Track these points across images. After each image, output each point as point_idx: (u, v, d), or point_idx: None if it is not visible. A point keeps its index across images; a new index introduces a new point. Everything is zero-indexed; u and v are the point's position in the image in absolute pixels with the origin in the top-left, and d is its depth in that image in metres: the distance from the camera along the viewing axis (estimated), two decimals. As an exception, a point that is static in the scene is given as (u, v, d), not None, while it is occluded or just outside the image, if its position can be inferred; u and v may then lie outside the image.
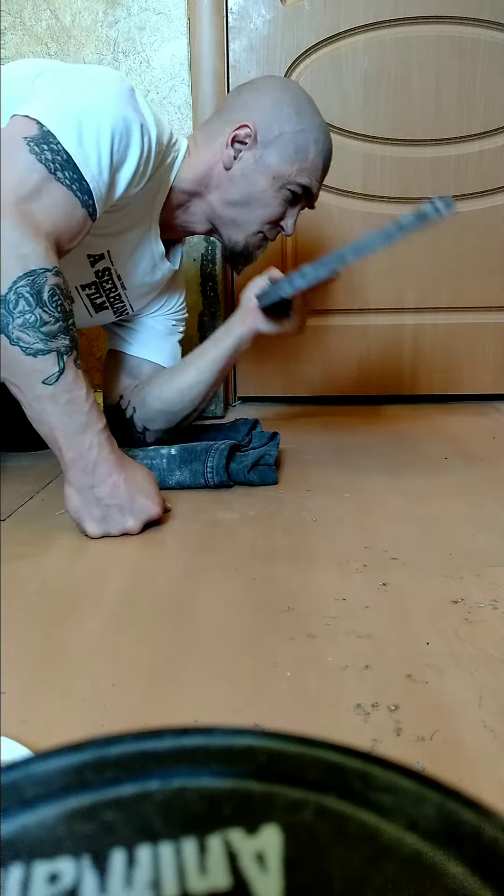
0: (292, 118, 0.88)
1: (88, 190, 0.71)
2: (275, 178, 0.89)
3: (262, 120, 0.88)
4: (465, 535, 0.73)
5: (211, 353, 0.98)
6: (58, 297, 0.67)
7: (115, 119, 0.72)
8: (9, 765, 0.18)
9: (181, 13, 1.28)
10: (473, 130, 1.41)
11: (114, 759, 0.19)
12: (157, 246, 0.95)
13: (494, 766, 0.38)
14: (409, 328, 1.53)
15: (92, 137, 0.71)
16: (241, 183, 0.90)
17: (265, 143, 0.88)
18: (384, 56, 1.36)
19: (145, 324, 1.07)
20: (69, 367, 0.67)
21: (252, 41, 1.35)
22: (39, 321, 0.65)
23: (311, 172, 0.91)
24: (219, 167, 0.90)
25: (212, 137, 0.91)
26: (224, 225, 0.94)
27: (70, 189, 0.70)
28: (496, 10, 1.34)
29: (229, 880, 0.16)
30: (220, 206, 0.93)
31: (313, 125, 0.89)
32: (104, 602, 0.59)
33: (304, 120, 0.89)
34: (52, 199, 0.69)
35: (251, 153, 0.88)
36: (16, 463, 1.05)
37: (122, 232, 0.88)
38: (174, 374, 1.00)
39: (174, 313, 1.09)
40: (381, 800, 0.18)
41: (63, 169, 0.69)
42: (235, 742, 0.19)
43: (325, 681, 0.46)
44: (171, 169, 0.89)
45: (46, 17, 1.29)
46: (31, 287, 0.65)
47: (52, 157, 0.68)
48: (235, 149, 0.89)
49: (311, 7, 1.34)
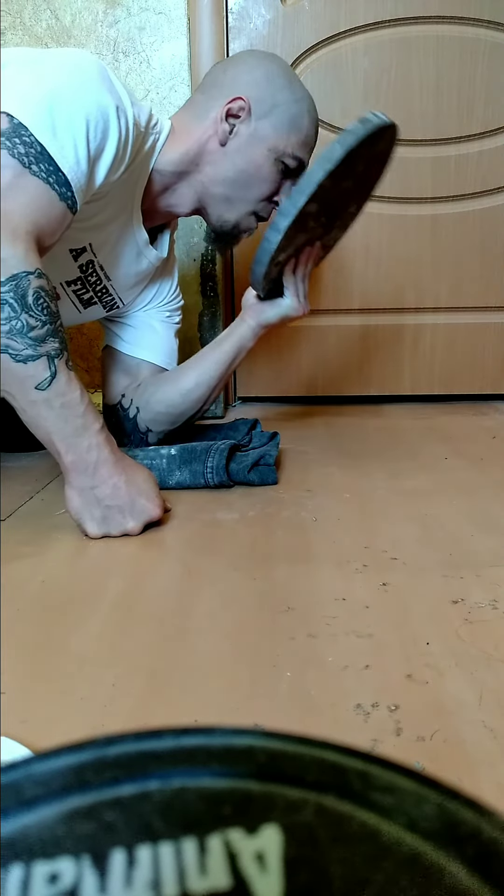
0: (285, 88, 0.87)
1: (66, 182, 0.69)
2: (270, 151, 0.87)
3: (256, 92, 0.86)
4: (465, 535, 0.73)
5: (213, 355, 0.97)
6: (43, 300, 0.65)
7: (89, 105, 0.69)
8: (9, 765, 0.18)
9: (181, 13, 1.28)
10: (473, 130, 1.41)
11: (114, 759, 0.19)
12: (140, 233, 0.92)
13: (494, 766, 0.38)
14: (409, 328, 1.53)
15: (66, 126, 0.68)
16: (236, 158, 0.88)
17: (259, 116, 0.86)
18: (384, 56, 1.36)
19: (139, 318, 1.05)
20: (61, 370, 0.66)
21: (252, 41, 1.35)
22: (26, 326, 0.64)
23: (305, 144, 0.90)
24: (212, 143, 0.88)
25: (200, 115, 0.88)
26: (215, 203, 0.92)
27: (46, 182, 0.67)
28: (496, 10, 1.34)
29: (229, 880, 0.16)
30: (212, 184, 0.90)
31: (304, 95, 0.89)
32: (104, 602, 0.59)
33: (295, 90, 0.88)
34: (29, 194, 0.67)
35: (245, 126, 0.87)
36: (16, 463, 1.05)
37: (103, 223, 0.86)
38: (177, 377, 1.00)
39: (167, 304, 1.07)
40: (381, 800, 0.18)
41: (38, 161, 0.66)
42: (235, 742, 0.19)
43: (325, 681, 0.46)
44: (152, 152, 0.86)
45: (46, 17, 1.29)
46: (15, 292, 0.63)
47: (25, 150, 0.66)
48: (230, 123, 0.87)
49: (311, 7, 1.34)
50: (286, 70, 0.89)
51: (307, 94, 0.90)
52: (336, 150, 0.79)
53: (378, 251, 1.48)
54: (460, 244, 1.47)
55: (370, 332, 1.54)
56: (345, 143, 0.79)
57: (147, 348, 1.04)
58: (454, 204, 1.45)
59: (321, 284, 1.50)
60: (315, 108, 0.91)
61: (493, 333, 1.53)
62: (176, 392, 0.98)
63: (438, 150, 1.42)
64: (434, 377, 1.56)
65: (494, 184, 1.44)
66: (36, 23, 1.29)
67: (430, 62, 1.37)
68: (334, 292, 1.51)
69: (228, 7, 1.33)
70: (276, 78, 0.87)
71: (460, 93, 1.39)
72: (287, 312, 0.97)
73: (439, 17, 1.35)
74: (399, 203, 1.45)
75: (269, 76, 0.87)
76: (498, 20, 1.35)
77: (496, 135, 1.41)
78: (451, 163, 1.42)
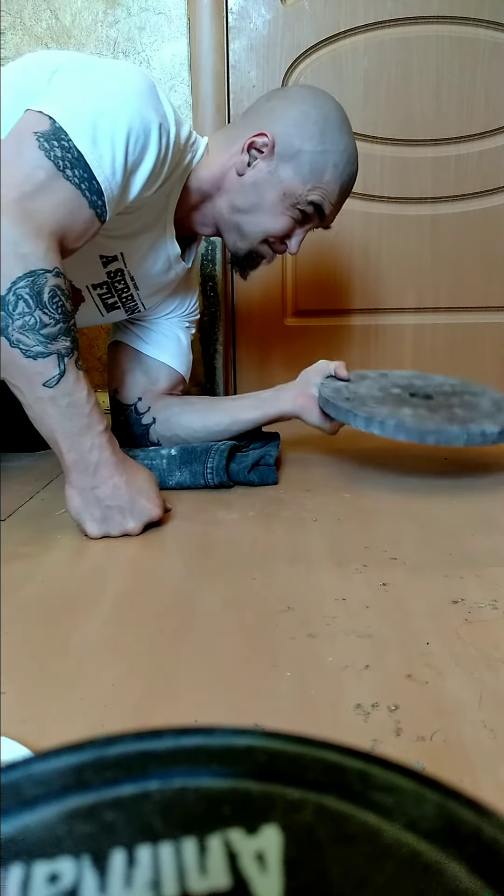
0: (314, 136, 0.84)
1: (99, 191, 0.69)
2: (286, 196, 0.86)
3: (284, 132, 0.84)
4: (465, 535, 0.73)
5: (251, 414, 0.97)
6: (58, 299, 0.66)
7: (133, 119, 0.70)
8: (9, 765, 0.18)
9: (181, 13, 1.28)
10: (473, 130, 1.41)
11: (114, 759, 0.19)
12: (172, 247, 0.92)
13: (494, 766, 0.38)
14: (409, 328, 1.53)
15: (107, 137, 0.69)
16: (250, 192, 0.87)
17: (282, 157, 0.85)
18: (384, 56, 1.36)
19: (162, 325, 1.05)
20: (70, 369, 0.67)
21: (252, 41, 1.35)
22: (39, 323, 0.64)
23: (324, 192, 0.87)
24: (232, 171, 0.87)
25: (232, 140, 0.88)
26: (229, 230, 0.92)
27: (78, 188, 0.68)
28: (496, 10, 1.34)
29: (229, 880, 0.16)
30: (227, 211, 0.90)
31: (337, 147, 0.85)
32: (104, 602, 0.59)
33: (326, 140, 0.84)
34: (58, 197, 0.67)
35: (266, 163, 0.85)
36: (16, 463, 1.05)
37: (135, 234, 0.86)
38: (208, 411, 0.99)
39: (188, 315, 1.08)
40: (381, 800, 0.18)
41: (73, 167, 0.67)
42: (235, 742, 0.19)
43: (325, 681, 0.46)
44: (188, 169, 0.86)
45: (46, 17, 1.29)
46: (31, 288, 0.64)
47: (62, 154, 0.67)
48: (251, 155, 0.86)
49: (311, 7, 1.34)
50: (327, 116, 0.85)
51: (344, 146, 0.86)
52: (472, 442, 0.83)
53: (378, 251, 1.48)
54: (460, 244, 1.47)
55: (370, 332, 1.54)
56: None
57: (169, 353, 1.04)
58: (454, 204, 1.45)
59: (321, 284, 1.50)
60: (350, 161, 0.87)
61: (493, 333, 1.53)
62: (202, 427, 0.98)
63: (438, 150, 1.42)
64: (434, 377, 1.55)
65: (494, 184, 1.44)
66: (36, 23, 1.29)
67: (430, 62, 1.37)
68: (334, 292, 1.51)
69: (228, 7, 1.33)
70: (309, 123, 0.84)
71: (460, 93, 1.39)
72: (324, 429, 0.97)
73: (439, 17, 1.35)
74: (399, 203, 1.45)
75: (303, 120, 0.84)
76: (498, 20, 1.35)
77: (496, 135, 1.41)
78: (451, 163, 1.42)
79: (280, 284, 1.50)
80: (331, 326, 1.53)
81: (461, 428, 0.82)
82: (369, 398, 0.91)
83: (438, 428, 0.81)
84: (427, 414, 0.87)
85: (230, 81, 1.36)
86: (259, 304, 1.51)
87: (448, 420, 0.85)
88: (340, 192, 0.89)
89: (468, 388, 1.01)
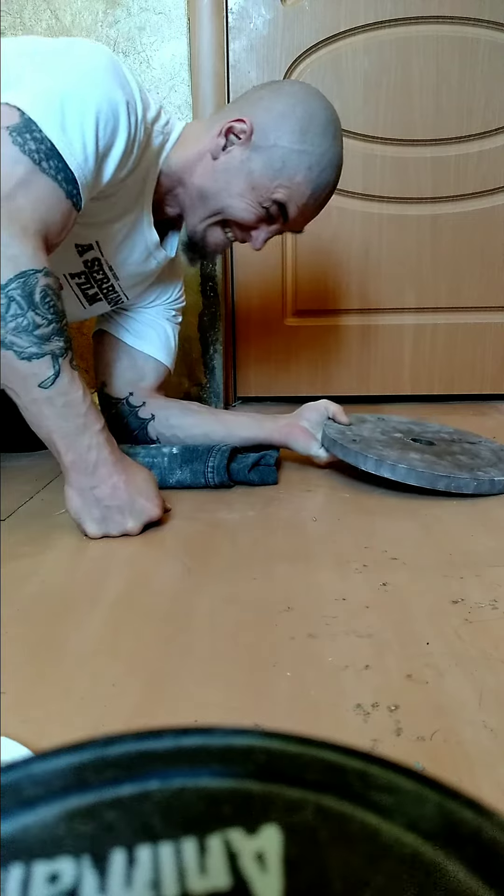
0: (294, 134, 0.80)
1: (73, 179, 0.68)
2: (253, 189, 0.82)
3: (264, 123, 0.81)
4: (465, 535, 0.73)
5: (245, 433, 0.98)
6: (50, 299, 0.65)
7: (100, 101, 0.68)
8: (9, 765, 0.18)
9: (181, 13, 1.28)
10: (473, 130, 1.41)
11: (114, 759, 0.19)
12: (150, 234, 0.89)
13: (494, 766, 0.38)
14: (409, 328, 1.53)
15: (76, 123, 0.67)
16: (219, 176, 0.84)
17: (256, 148, 0.81)
18: (384, 56, 1.36)
19: (146, 315, 1.04)
20: (64, 369, 0.66)
21: (252, 41, 1.35)
22: (32, 324, 0.64)
23: (291, 197, 0.83)
24: (207, 155, 0.84)
25: (211, 124, 0.86)
26: (191, 210, 0.88)
27: (55, 180, 0.67)
28: (496, 10, 1.34)
29: (229, 880, 0.16)
30: (194, 192, 0.86)
31: (316, 150, 0.81)
32: (104, 602, 0.59)
33: (306, 141, 0.80)
34: (38, 192, 0.66)
35: (240, 150, 0.82)
36: (16, 463, 1.05)
37: (110, 221, 0.84)
38: (207, 419, 1.00)
39: (172, 302, 1.06)
40: (381, 800, 0.18)
41: (48, 158, 0.66)
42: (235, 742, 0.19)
43: (325, 681, 0.46)
44: (160, 151, 0.84)
45: (46, 17, 1.29)
46: (23, 290, 0.63)
47: (36, 146, 0.65)
48: (228, 140, 0.83)
49: (311, 7, 1.34)
50: (312, 117, 0.81)
51: (323, 151, 0.82)
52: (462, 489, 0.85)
53: (378, 251, 1.48)
54: (460, 244, 1.47)
55: (370, 332, 1.54)
56: None
57: (155, 345, 1.03)
58: (454, 204, 1.45)
59: (321, 284, 1.50)
60: (327, 169, 0.83)
61: (493, 333, 1.53)
62: (202, 433, 0.98)
63: (438, 150, 1.42)
64: (434, 377, 1.56)
65: (494, 184, 1.44)
66: (36, 23, 1.29)
67: (430, 62, 1.37)
68: (334, 292, 1.51)
69: (228, 7, 1.33)
70: (293, 119, 0.80)
71: (460, 93, 1.39)
72: (317, 458, 0.97)
73: (439, 17, 1.35)
74: (399, 203, 1.45)
75: (286, 114, 0.81)
76: (498, 20, 1.35)
77: (496, 135, 1.41)
78: (451, 163, 1.42)
79: (280, 284, 1.50)
80: (331, 326, 1.53)
81: (471, 475, 0.85)
82: (374, 441, 0.93)
83: (449, 474, 0.84)
84: (434, 459, 0.89)
85: (230, 81, 1.36)
86: (259, 304, 1.51)
87: (456, 467, 0.87)
88: (312, 196, 0.84)
89: (466, 437, 1.05)
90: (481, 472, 0.86)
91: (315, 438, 0.97)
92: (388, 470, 0.84)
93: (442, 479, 0.83)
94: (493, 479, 0.85)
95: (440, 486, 0.83)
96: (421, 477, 0.83)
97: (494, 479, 0.85)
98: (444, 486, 0.83)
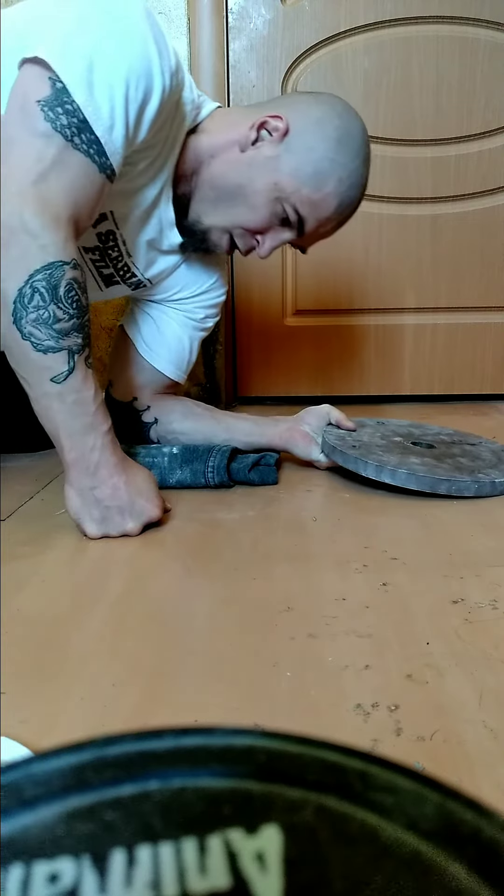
0: (330, 141, 0.78)
1: (103, 151, 0.65)
2: (276, 186, 0.78)
3: (301, 123, 0.78)
4: (465, 535, 0.73)
5: (246, 438, 0.98)
6: (74, 293, 0.65)
7: (133, 58, 0.64)
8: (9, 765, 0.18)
9: (181, 13, 1.28)
10: (473, 130, 1.41)
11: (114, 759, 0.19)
12: (166, 210, 0.84)
13: (494, 766, 0.38)
14: (409, 328, 1.53)
15: (104, 83, 0.63)
16: (241, 170, 0.80)
17: (289, 148, 0.78)
18: (384, 56, 1.36)
19: (162, 317, 0.99)
20: (79, 366, 0.66)
21: (252, 41, 1.35)
22: (53, 318, 0.64)
23: (314, 207, 0.80)
24: (235, 146, 0.80)
25: (246, 115, 0.81)
26: (200, 200, 0.84)
27: (87, 155, 0.64)
28: (496, 10, 1.34)
29: (229, 880, 0.16)
30: (210, 181, 0.82)
31: (348, 164, 0.79)
32: (104, 602, 0.59)
33: (341, 152, 0.78)
34: (72, 172, 0.64)
35: (271, 148, 0.78)
36: (16, 463, 1.05)
37: (130, 192, 0.79)
38: (209, 422, 0.99)
39: (204, 297, 0.99)
40: (381, 800, 0.18)
41: (80, 132, 0.63)
42: (235, 742, 0.19)
43: (325, 681, 0.46)
44: (189, 123, 0.80)
45: (46, 17, 1.29)
46: (48, 281, 0.63)
47: (68, 120, 0.63)
48: (260, 135, 0.79)
49: (311, 7, 1.34)
50: (349, 130, 0.79)
51: (355, 167, 0.80)
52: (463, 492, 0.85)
53: (378, 251, 1.48)
54: (460, 244, 1.47)
55: (370, 332, 1.54)
56: None
57: (165, 359, 0.99)
58: (454, 204, 1.45)
59: (321, 284, 1.50)
60: (354, 186, 0.81)
61: (493, 333, 1.53)
62: (203, 439, 0.97)
63: (438, 150, 1.42)
64: (434, 377, 1.56)
65: (494, 184, 1.44)
66: (36, 23, 1.29)
67: (430, 62, 1.37)
68: (334, 292, 1.51)
69: (228, 7, 1.33)
70: (330, 127, 0.78)
71: (460, 93, 1.39)
72: (317, 463, 0.97)
73: (439, 17, 1.35)
74: (399, 203, 1.45)
75: (324, 121, 0.78)
76: (498, 20, 1.35)
77: (496, 135, 1.41)
78: (451, 163, 1.42)
79: (280, 284, 1.50)
80: (331, 326, 1.53)
81: (472, 478, 0.85)
82: (374, 446, 0.93)
83: (450, 477, 0.84)
84: (434, 463, 0.89)
85: (230, 81, 1.36)
86: (259, 304, 1.51)
87: (456, 469, 0.87)
88: (336, 210, 0.81)
89: (466, 439, 1.05)
90: (482, 475, 0.86)
91: (316, 443, 0.97)
92: (388, 475, 0.85)
93: (443, 482, 0.83)
94: (494, 480, 0.85)
95: (441, 490, 0.83)
96: (422, 481, 0.83)
97: (495, 481, 0.85)
98: (444, 490, 0.83)
